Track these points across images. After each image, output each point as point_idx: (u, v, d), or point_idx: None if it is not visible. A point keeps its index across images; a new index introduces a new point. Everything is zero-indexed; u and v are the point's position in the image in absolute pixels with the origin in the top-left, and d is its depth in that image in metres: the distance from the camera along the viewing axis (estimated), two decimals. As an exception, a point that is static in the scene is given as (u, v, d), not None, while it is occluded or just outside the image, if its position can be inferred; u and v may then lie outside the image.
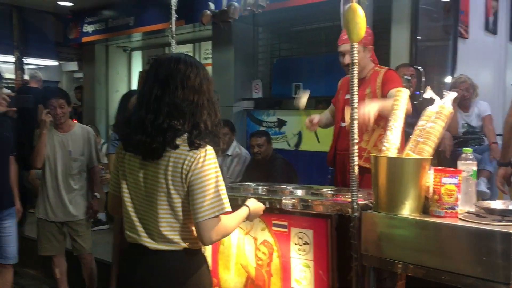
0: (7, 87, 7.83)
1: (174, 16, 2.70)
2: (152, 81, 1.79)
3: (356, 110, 2.12)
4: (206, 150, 1.75)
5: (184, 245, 1.80)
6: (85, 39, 8.18)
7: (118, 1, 7.21)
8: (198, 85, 1.78)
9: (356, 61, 2.07)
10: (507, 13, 6.44)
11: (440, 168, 1.99)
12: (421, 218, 1.95)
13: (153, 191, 1.78)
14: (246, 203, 2.07)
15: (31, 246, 4.15)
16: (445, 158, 4.03)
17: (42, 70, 11.69)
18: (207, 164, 1.74)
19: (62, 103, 3.74)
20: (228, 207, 1.76)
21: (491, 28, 6.05)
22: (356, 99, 2.12)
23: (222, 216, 1.77)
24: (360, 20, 2.03)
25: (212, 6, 2.69)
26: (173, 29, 2.72)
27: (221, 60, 6.34)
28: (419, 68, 4.65)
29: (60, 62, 11.46)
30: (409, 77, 4.03)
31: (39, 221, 3.85)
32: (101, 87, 8.49)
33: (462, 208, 2.02)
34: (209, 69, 6.92)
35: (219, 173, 1.77)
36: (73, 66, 10.46)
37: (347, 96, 2.96)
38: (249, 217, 2.07)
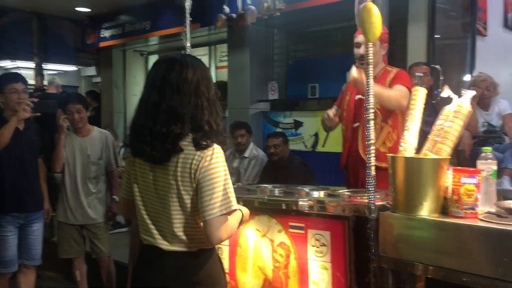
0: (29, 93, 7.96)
1: (188, 19, 2.72)
2: (150, 86, 1.80)
3: (371, 110, 2.10)
4: (213, 149, 1.75)
5: (198, 245, 1.80)
6: (102, 44, 8.28)
7: (135, 6, 7.28)
8: (195, 86, 1.76)
9: (371, 60, 2.05)
10: (526, 10, 6.31)
11: (459, 168, 1.96)
12: (440, 219, 1.93)
13: (165, 193, 1.78)
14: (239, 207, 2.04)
15: (52, 248, 4.20)
16: (465, 158, 3.97)
17: (61, 75, 11.87)
18: (215, 162, 1.74)
19: (79, 108, 3.78)
20: (235, 206, 1.77)
21: (510, 25, 5.94)
22: (371, 99, 2.09)
23: (230, 221, 1.77)
24: (375, 20, 2.01)
25: (227, 9, 2.70)
26: (188, 32, 2.74)
27: (237, 63, 6.35)
28: (437, 66, 4.59)
29: (79, 67, 11.64)
30: (420, 74, 3.96)
31: (59, 224, 3.90)
32: (118, 91, 8.58)
33: (482, 208, 1.99)
34: (225, 71, 6.95)
35: (227, 172, 1.77)
36: (91, 71, 10.60)
37: (358, 97, 2.96)
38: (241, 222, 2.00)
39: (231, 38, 6.39)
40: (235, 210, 1.78)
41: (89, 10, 8.00)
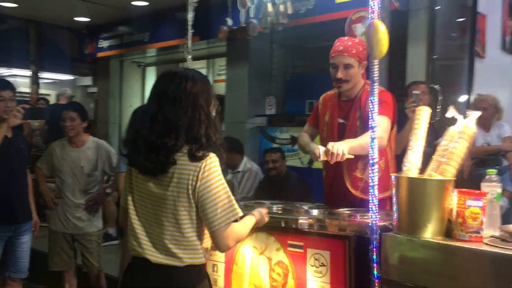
0: (23, 101, 7.94)
1: (190, 31, 2.69)
2: (151, 99, 1.82)
3: (376, 129, 2.06)
4: (210, 157, 1.74)
5: (187, 260, 1.78)
6: (100, 54, 8.28)
7: (133, 17, 7.28)
8: (193, 99, 1.76)
9: (377, 78, 2.02)
10: (524, 33, 6.36)
11: (464, 190, 1.92)
12: (445, 242, 1.88)
13: (159, 205, 1.77)
14: (253, 212, 2.09)
15: (41, 260, 4.11)
16: (463, 179, 3.94)
17: (56, 84, 11.84)
18: (213, 172, 1.74)
19: (72, 116, 3.73)
20: (240, 212, 1.78)
21: (508, 47, 5.98)
22: (376, 117, 2.06)
23: (234, 223, 1.78)
24: (382, 37, 1.99)
25: (229, 22, 2.68)
26: (189, 44, 2.71)
27: (235, 76, 6.34)
28: (436, 86, 4.59)
29: (75, 76, 11.60)
30: (418, 92, 3.93)
31: (51, 235, 3.83)
32: (114, 102, 8.54)
33: (486, 232, 1.95)
34: (223, 85, 6.93)
35: (223, 178, 1.77)
36: (87, 81, 10.58)
37: (342, 121, 2.75)
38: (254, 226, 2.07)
39: (230, 51, 6.39)
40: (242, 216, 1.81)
41: (88, 20, 7.99)
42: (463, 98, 5.11)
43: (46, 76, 11.25)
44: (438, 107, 4.36)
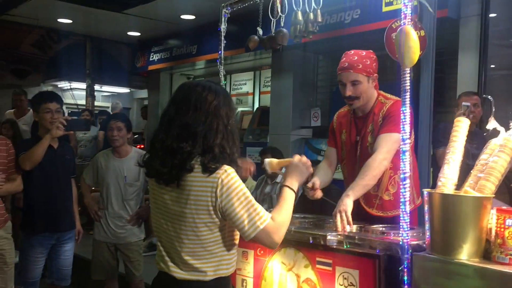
0: (77, 112, 8.28)
1: (223, 42, 2.68)
2: (170, 103, 1.79)
3: (406, 141, 1.94)
4: (225, 171, 1.69)
5: (211, 273, 1.74)
6: (151, 67, 8.49)
7: (182, 30, 7.43)
8: (214, 108, 1.73)
9: (407, 87, 1.90)
10: None
11: (504, 208, 1.76)
12: (481, 265, 1.73)
13: (177, 222, 1.73)
14: (286, 184, 1.87)
15: (84, 268, 4.20)
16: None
17: (114, 97, 12.30)
18: (231, 185, 1.69)
19: (119, 126, 3.77)
20: (267, 218, 1.71)
21: None
22: (407, 129, 1.94)
23: (276, 220, 1.74)
24: (413, 44, 1.87)
25: (260, 31, 2.64)
26: (222, 56, 2.69)
27: (280, 88, 6.30)
28: (489, 97, 4.34)
29: (132, 89, 12.01)
30: (468, 104, 3.69)
31: (94, 244, 3.88)
32: (164, 114, 8.71)
33: (531, 255, 1.77)
34: (268, 96, 6.90)
35: (244, 186, 1.72)
36: (143, 93, 10.91)
37: (359, 138, 2.62)
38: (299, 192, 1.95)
39: (275, 63, 6.36)
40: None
41: (139, 34, 8.24)
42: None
43: (105, 89, 11.75)
44: (490, 119, 4.10)
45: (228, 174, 1.69)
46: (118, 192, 3.81)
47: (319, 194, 2.56)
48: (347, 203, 2.33)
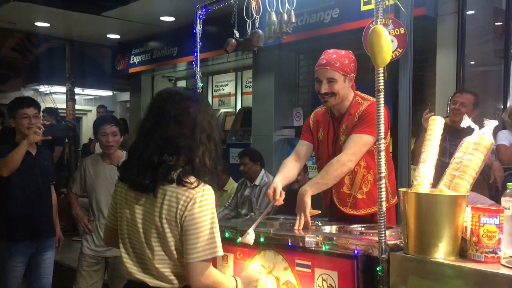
0: (60, 117, 8.16)
1: (198, 44, 2.66)
2: (148, 115, 1.76)
3: (381, 141, 1.94)
4: (203, 190, 1.67)
5: (180, 285, 1.72)
6: (132, 70, 8.42)
7: (162, 32, 7.37)
8: (195, 120, 1.70)
9: (381, 87, 1.90)
10: None
11: (479, 206, 1.77)
12: (457, 263, 1.73)
13: (149, 227, 1.71)
14: (241, 275, 2.03)
15: (66, 275, 4.14)
16: (498, 190, 3.71)
17: (96, 100, 12.18)
18: (204, 205, 1.66)
19: (114, 131, 3.51)
20: (220, 252, 1.68)
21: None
22: (382, 129, 1.94)
23: (215, 271, 1.73)
24: (385, 44, 1.87)
25: (237, 34, 2.63)
26: (198, 58, 2.68)
27: (262, 88, 6.29)
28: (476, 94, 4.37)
29: (114, 92, 11.90)
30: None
31: (82, 258, 3.62)
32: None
33: (506, 252, 1.78)
34: (250, 97, 6.89)
35: (215, 215, 1.70)
36: (126, 96, 10.82)
37: (335, 137, 2.62)
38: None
39: (256, 63, 6.34)
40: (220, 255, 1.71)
41: (119, 36, 8.16)
42: (498, 105, 4.88)
43: (87, 92, 11.62)
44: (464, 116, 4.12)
45: (206, 195, 1.67)
46: (107, 200, 3.47)
47: (280, 202, 2.53)
48: (306, 201, 2.39)
